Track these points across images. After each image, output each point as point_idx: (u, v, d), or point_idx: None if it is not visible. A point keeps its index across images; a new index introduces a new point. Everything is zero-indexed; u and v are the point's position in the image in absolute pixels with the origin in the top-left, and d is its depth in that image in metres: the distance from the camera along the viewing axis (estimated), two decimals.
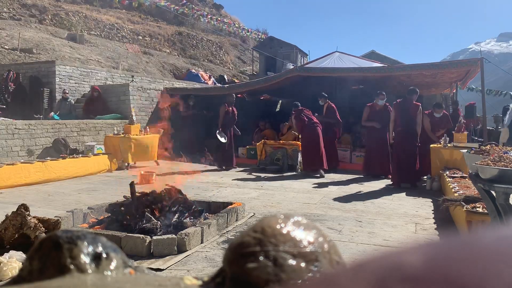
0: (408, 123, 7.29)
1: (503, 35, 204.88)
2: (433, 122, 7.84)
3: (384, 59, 20.07)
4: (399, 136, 7.37)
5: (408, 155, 7.23)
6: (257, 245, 0.37)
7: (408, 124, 7.28)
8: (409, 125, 7.28)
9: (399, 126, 7.37)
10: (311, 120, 8.53)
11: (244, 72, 25.65)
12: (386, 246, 3.94)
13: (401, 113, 7.37)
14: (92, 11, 22.22)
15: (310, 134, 8.44)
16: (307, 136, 8.52)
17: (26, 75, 11.11)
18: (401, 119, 7.34)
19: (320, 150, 8.37)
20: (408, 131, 7.26)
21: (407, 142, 7.25)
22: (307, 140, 8.51)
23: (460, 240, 0.26)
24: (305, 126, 8.50)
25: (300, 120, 8.51)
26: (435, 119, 7.85)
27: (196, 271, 3.25)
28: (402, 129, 7.31)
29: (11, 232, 3.54)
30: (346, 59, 13.08)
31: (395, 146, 7.54)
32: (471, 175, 3.24)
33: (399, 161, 7.27)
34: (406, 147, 7.25)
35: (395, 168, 7.35)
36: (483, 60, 9.10)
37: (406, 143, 7.25)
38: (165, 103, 11.13)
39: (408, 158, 7.23)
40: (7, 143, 8.09)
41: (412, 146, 7.28)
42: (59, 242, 0.40)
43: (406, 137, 7.25)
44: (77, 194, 6.36)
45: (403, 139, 7.29)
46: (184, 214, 4.31)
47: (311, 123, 8.49)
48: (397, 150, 7.43)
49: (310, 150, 8.43)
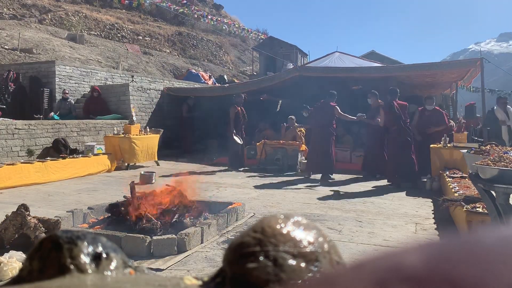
0: (399, 125, 7.37)
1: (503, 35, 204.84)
2: (424, 119, 7.86)
3: (384, 59, 20.08)
4: (392, 139, 7.46)
5: (404, 156, 7.26)
6: (257, 245, 0.37)
7: (399, 126, 7.37)
8: (401, 127, 7.35)
9: (393, 128, 7.43)
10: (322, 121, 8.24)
11: (244, 72, 25.65)
12: (386, 246, 3.94)
13: (389, 116, 7.45)
14: (92, 11, 22.21)
15: (320, 134, 8.20)
16: (315, 136, 8.32)
17: (26, 75, 11.11)
18: (392, 122, 7.41)
19: (331, 153, 8.14)
20: (401, 130, 7.34)
21: (401, 143, 7.33)
22: (314, 140, 8.31)
23: (460, 240, 0.26)
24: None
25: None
26: (426, 114, 7.88)
27: (196, 271, 3.25)
28: (394, 131, 7.39)
29: (11, 232, 3.54)
30: (346, 59, 13.09)
31: (389, 149, 7.60)
32: (471, 175, 3.24)
33: (396, 161, 7.29)
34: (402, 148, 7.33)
35: (394, 168, 7.37)
36: (483, 60, 9.10)
37: (400, 144, 7.34)
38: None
39: (405, 159, 7.25)
40: (7, 143, 8.09)
41: (407, 147, 7.33)
42: (59, 242, 0.40)
43: (398, 139, 7.36)
44: (77, 194, 6.35)
45: (396, 142, 7.37)
46: (184, 214, 4.31)
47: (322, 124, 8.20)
48: (392, 153, 7.51)
49: (317, 151, 8.16)
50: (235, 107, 9.32)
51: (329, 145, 8.12)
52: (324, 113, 8.18)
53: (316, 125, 8.29)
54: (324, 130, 8.12)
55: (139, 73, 15.62)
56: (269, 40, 24.70)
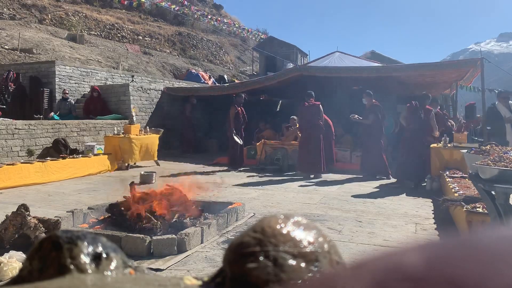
0: (418, 126, 7.34)
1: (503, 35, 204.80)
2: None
3: (384, 59, 20.08)
4: (407, 136, 7.43)
5: (413, 156, 7.27)
6: (257, 245, 0.37)
7: (418, 127, 7.33)
8: (418, 129, 7.33)
9: (410, 127, 7.42)
10: (314, 119, 8.36)
11: (244, 72, 25.64)
12: (386, 246, 3.94)
13: (412, 115, 7.42)
14: (92, 11, 22.21)
15: (312, 133, 8.32)
16: (307, 136, 8.41)
17: (26, 75, 11.11)
18: (413, 121, 7.38)
19: (320, 152, 8.27)
20: (417, 133, 7.31)
21: (415, 144, 7.30)
22: (307, 140, 8.40)
23: (460, 240, 0.26)
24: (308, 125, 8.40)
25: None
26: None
27: (196, 271, 3.25)
28: (413, 130, 7.36)
29: (11, 232, 3.54)
30: (346, 59, 13.09)
31: (403, 146, 7.58)
32: (471, 175, 3.24)
33: (405, 161, 7.29)
34: (416, 148, 7.31)
35: (401, 166, 7.38)
36: (483, 60, 9.10)
37: (415, 144, 7.30)
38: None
39: (413, 158, 7.26)
40: (7, 143, 8.09)
41: (419, 148, 7.34)
42: (59, 242, 0.40)
43: (414, 139, 7.30)
44: (77, 194, 6.35)
45: (411, 140, 7.33)
46: (184, 214, 4.31)
47: (314, 122, 8.33)
48: (405, 150, 7.48)
49: (310, 150, 8.29)
50: (235, 107, 9.32)
51: (319, 144, 8.20)
52: (312, 113, 8.29)
53: (306, 125, 8.37)
54: (314, 129, 8.25)
55: (139, 73, 15.62)
56: (269, 40, 24.70)
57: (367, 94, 8.39)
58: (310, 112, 8.36)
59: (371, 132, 8.16)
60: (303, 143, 8.48)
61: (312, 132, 8.27)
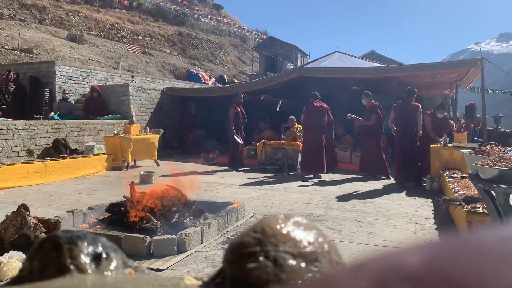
0: (408, 124, 7.33)
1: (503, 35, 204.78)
2: (434, 123, 7.84)
3: (384, 59, 20.07)
4: (398, 137, 7.42)
5: (408, 155, 7.27)
6: (257, 245, 0.37)
7: (407, 125, 7.32)
8: (408, 126, 7.32)
9: (398, 126, 7.42)
10: (317, 120, 8.31)
11: (244, 72, 25.65)
12: (386, 246, 3.94)
13: (400, 113, 7.41)
14: (92, 11, 22.21)
15: (317, 133, 8.26)
16: (312, 135, 8.33)
17: (26, 75, 11.11)
18: (401, 119, 7.38)
19: (322, 153, 8.23)
20: (407, 131, 7.31)
21: (406, 142, 7.30)
22: (311, 140, 8.33)
23: (460, 240, 0.26)
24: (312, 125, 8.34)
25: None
26: (437, 119, 7.86)
27: (196, 271, 3.25)
28: (401, 129, 7.36)
29: (11, 232, 3.54)
30: (346, 59, 13.08)
31: (395, 147, 7.59)
32: (471, 175, 3.24)
33: (401, 161, 7.29)
34: (406, 147, 7.30)
35: (399, 168, 7.38)
36: (483, 60, 9.10)
37: (405, 143, 7.30)
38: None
39: (409, 157, 7.27)
40: (7, 143, 8.09)
41: (412, 146, 7.33)
42: (59, 242, 0.40)
43: (405, 138, 7.30)
44: (77, 194, 6.35)
45: (402, 140, 7.34)
46: (184, 214, 4.31)
47: (317, 123, 8.28)
48: (397, 151, 7.51)
49: (312, 152, 8.25)
50: (235, 107, 9.33)
51: (321, 144, 8.18)
52: (320, 114, 8.26)
53: (311, 124, 8.33)
54: (317, 130, 8.23)
55: (139, 73, 15.62)
56: (269, 40, 24.71)
57: (366, 94, 8.40)
58: (317, 112, 8.30)
59: (371, 132, 8.16)
60: (307, 142, 8.45)
61: (317, 132, 8.22)
